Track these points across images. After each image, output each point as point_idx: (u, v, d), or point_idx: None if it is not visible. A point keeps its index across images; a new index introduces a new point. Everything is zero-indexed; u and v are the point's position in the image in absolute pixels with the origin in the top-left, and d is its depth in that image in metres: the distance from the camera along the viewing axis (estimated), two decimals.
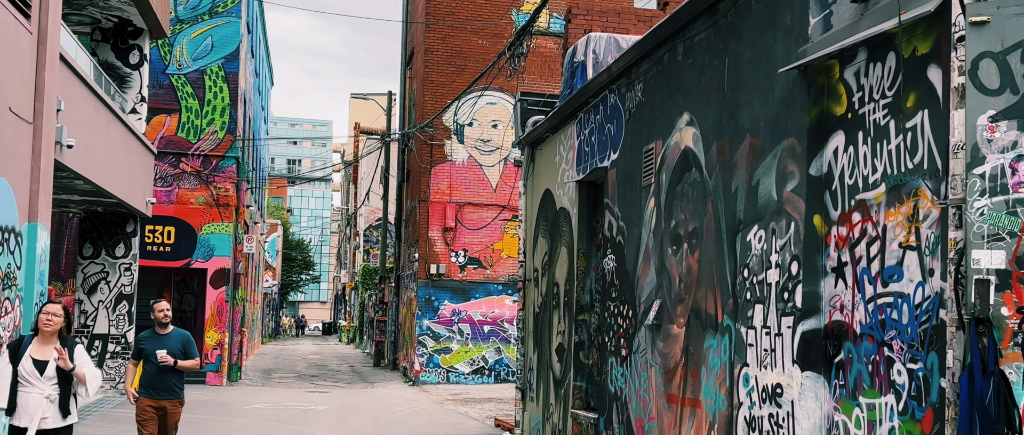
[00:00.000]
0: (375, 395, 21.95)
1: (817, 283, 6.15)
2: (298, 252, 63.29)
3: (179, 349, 8.88)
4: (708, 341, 7.58)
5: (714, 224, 7.56)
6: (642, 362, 9.01)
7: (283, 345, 48.58)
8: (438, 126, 25.11)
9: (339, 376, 27.41)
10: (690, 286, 7.97)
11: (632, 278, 9.41)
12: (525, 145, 13.76)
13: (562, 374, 11.78)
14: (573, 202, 11.59)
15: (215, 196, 24.13)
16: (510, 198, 25.18)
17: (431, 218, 25.07)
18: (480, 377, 24.97)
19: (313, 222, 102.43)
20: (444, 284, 25.01)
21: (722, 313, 7.36)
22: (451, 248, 25.08)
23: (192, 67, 24.31)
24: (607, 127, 10.35)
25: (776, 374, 6.47)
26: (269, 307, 52.95)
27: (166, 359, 8.70)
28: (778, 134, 6.60)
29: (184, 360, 8.89)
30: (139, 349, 8.95)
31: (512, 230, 25.30)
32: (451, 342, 24.95)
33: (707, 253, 7.67)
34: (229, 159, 24.34)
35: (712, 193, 7.62)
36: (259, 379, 25.67)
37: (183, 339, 8.98)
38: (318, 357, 37.02)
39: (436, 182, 25.12)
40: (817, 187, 6.19)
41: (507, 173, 25.46)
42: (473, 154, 25.37)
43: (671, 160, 8.50)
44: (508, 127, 25.48)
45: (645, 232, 9.10)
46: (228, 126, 24.33)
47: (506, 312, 25.22)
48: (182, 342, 8.95)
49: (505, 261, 25.40)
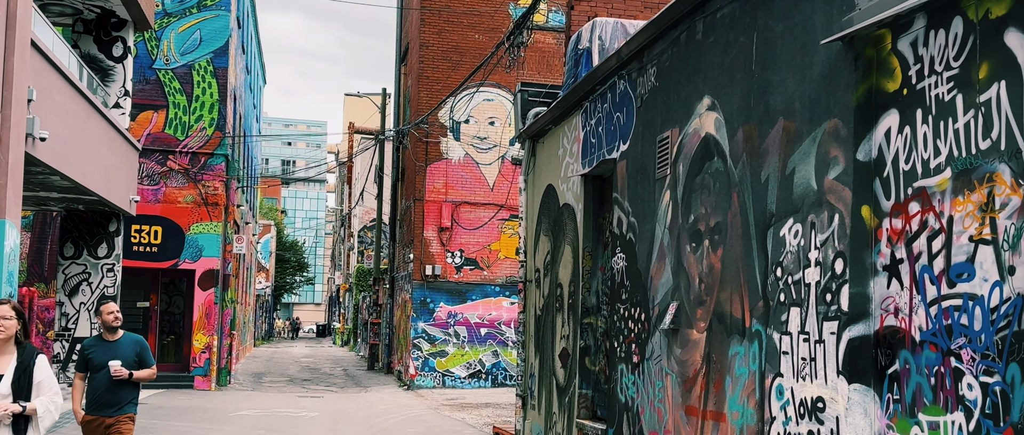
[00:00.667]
0: (368, 400, 21.16)
1: (866, 283, 5.38)
2: (292, 254, 62.40)
3: (133, 358, 7.67)
4: (734, 348, 6.82)
5: (740, 218, 6.80)
6: (657, 370, 8.24)
7: (276, 348, 47.72)
8: (434, 123, 24.34)
9: (332, 380, 26.61)
10: (712, 287, 7.20)
11: (645, 278, 8.64)
12: (526, 138, 12.99)
13: (566, 381, 11.01)
14: (578, 198, 10.83)
15: (203, 195, 23.33)
16: (508, 197, 24.43)
17: (426, 218, 24.29)
18: (477, 381, 24.19)
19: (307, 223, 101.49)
20: (440, 286, 24.23)
21: (750, 317, 6.59)
22: (447, 249, 24.31)
23: (180, 62, 23.52)
24: (616, 116, 9.58)
25: (817, 386, 5.70)
26: (262, 309, 52.09)
27: (120, 371, 7.49)
28: (818, 115, 5.84)
29: (139, 370, 7.68)
30: (85, 359, 7.69)
31: (510, 230, 24.53)
32: (447, 345, 24.16)
33: (732, 250, 6.91)
34: (218, 157, 23.54)
35: (738, 184, 6.86)
36: (249, 383, 24.86)
37: (137, 346, 7.78)
38: (311, 360, 36.20)
39: (432, 181, 24.34)
40: (865, 174, 5.43)
41: (505, 171, 24.69)
42: (470, 152, 24.60)
43: (689, 149, 7.73)
44: (506, 124, 24.72)
45: (659, 228, 8.34)
46: (217, 123, 23.54)
47: (504, 314, 24.44)
48: (136, 349, 7.74)
49: (503, 262, 24.62)
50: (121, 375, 7.48)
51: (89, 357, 7.66)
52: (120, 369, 7.49)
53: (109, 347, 7.66)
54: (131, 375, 7.56)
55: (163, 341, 24.34)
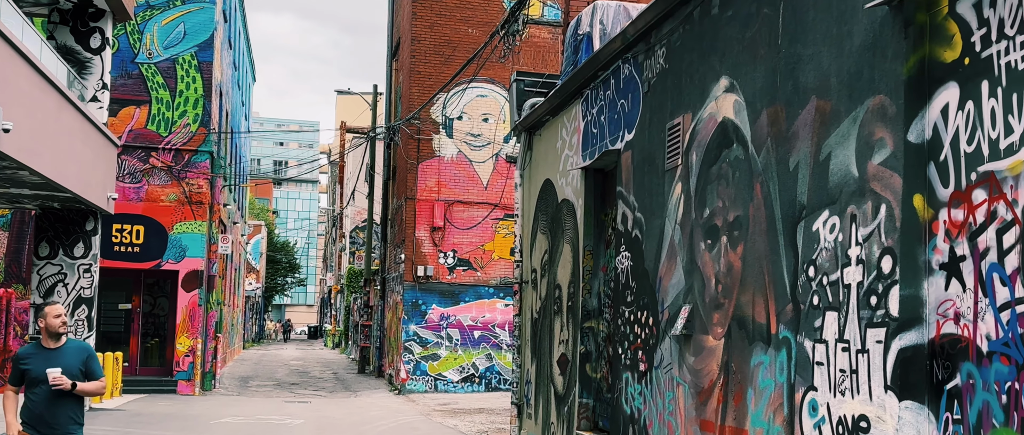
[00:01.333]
0: (358, 406, 20.37)
1: (918, 284, 4.64)
2: (283, 254, 61.52)
3: (78, 367, 6.59)
4: (757, 357, 6.07)
5: (764, 211, 6.06)
6: (667, 379, 7.49)
7: (266, 350, 46.87)
8: (426, 120, 23.56)
9: (321, 384, 25.81)
10: (731, 288, 6.45)
11: (652, 279, 7.89)
12: (521, 130, 12.23)
13: (565, 389, 10.25)
14: (578, 193, 10.07)
15: (187, 193, 22.53)
16: (502, 196, 23.67)
17: (418, 217, 23.52)
18: (470, 385, 23.42)
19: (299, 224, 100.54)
20: (432, 287, 23.46)
21: (776, 322, 5.85)
22: (439, 249, 23.53)
23: (163, 56, 22.71)
24: (620, 103, 8.83)
25: (860, 403, 4.95)
26: (252, 311, 51.24)
27: (61, 381, 6.41)
28: (859, 92, 5.09)
29: (85, 382, 6.61)
30: (20, 371, 6.61)
31: (504, 230, 23.78)
32: (439, 348, 23.39)
33: (755, 247, 6.16)
34: (202, 154, 22.74)
35: (761, 173, 6.11)
36: (235, 388, 24.05)
37: (82, 354, 6.70)
38: (301, 363, 35.38)
39: (423, 179, 23.57)
40: (918, 158, 4.68)
41: (499, 169, 23.93)
42: (463, 149, 23.83)
43: (704, 136, 6.99)
44: (500, 121, 23.97)
45: (669, 224, 7.59)
46: (201, 119, 22.74)
47: (498, 316, 23.68)
48: (82, 358, 6.67)
49: (497, 263, 23.85)
50: (61, 384, 6.41)
51: (25, 369, 6.59)
52: (60, 377, 6.42)
53: (49, 356, 6.59)
54: (74, 386, 6.49)
55: (146, 344, 23.53)
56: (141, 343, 23.32)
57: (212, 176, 22.93)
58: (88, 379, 6.67)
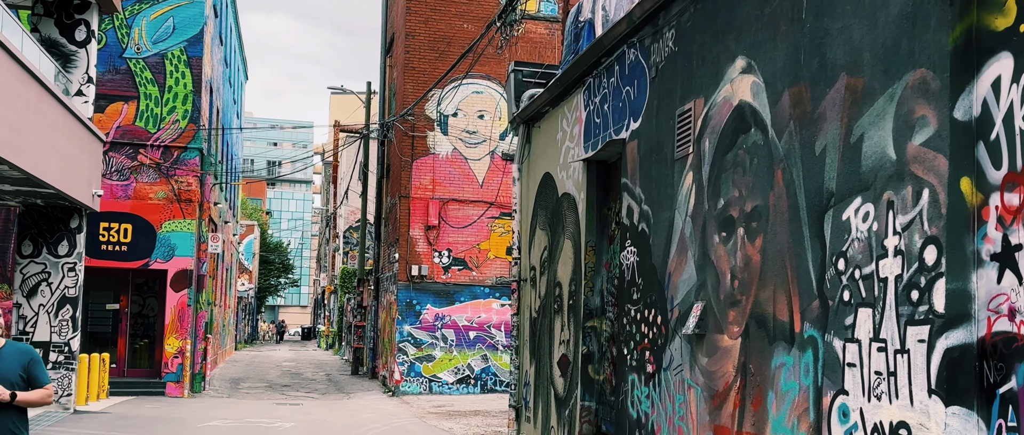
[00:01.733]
0: (350, 408, 19.88)
1: (966, 277, 4.18)
2: (276, 255, 60.96)
3: (18, 374, 5.66)
4: (779, 357, 5.60)
5: (787, 200, 5.59)
6: (677, 382, 7.02)
7: (258, 351, 46.32)
8: (420, 116, 23.09)
9: (313, 386, 25.31)
10: (749, 284, 5.99)
11: (661, 275, 7.42)
12: (520, 123, 11.75)
13: (566, 391, 9.77)
14: (579, 186, 9.61)
15: (176, 191, 22.02)
16: (498, 194, 23.21)
17: (412, 216, 23.04)
18: (465, 387, 22.94)
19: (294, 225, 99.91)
20: (426, 287, 22.97)
21: (801, 320, 5.38)
22: (434, 248, 23.06)
23: (152, 51, 22.21)
24: (625, 90, 8.37)
25: (899, 409, 4.49)
26: (245, 312, 50.68)
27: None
28: (897, 66, 4.63)
29: (26, 392, 5.67)
30: None
31: (500, 228, 23.31)
32: (434, 349, 22.91)
33: (776, 239, 5.70)
34: (192, 150, 22.24)
35: (783, 159, 5.65)
36: (225, 390, 23.54)
37: (24, 359, 5.74)
38: (293, 364, 34.85)
39: (418, 177, 23.09)
40: (965, 137, 4.22)
41: (495, 167, 23.46)
42: (458, 147, 23.36)
43: (718, 121, 6.52)
44: (495, 118, 23.50)
45: (679, 217, 7.12)
46: (191, 115, 22.23)
47: (494, 317, 23.21)
48: (23, 363, 5.72)
49: (492, 262, 23.39)
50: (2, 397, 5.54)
51: None
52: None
53: None
54: (14, 397, 5.58)
55: (135, 345, 23.04)
56: (129, 344, 22.81)
57: (202, 173, 22.43)
58: (31, 386, 5.74)
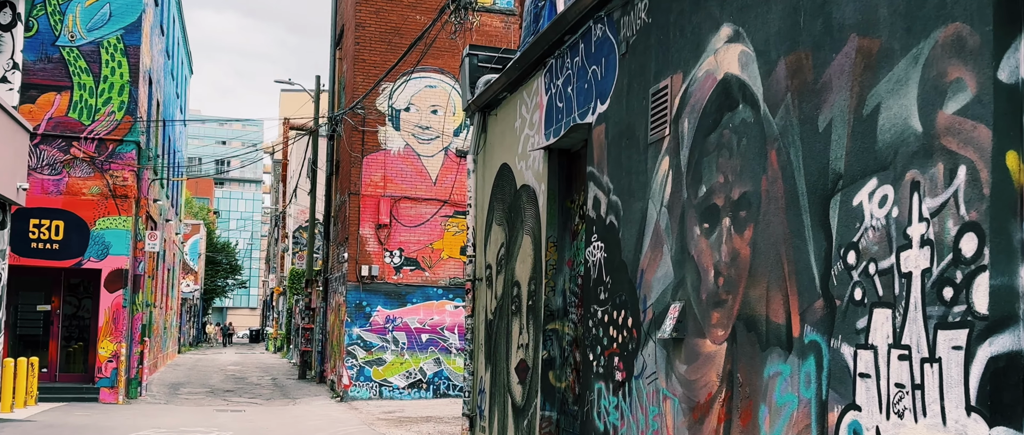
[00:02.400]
0: (295, 415, 18.91)
1: (1014, 271, 3.47)
2: (224, 255, 59.36)
3: None
4: (773, 365, 4.87)
5: (783, 185, 4.87)
6: (650, 392, 6.27)
7: (203, 354, 44.90)
8: (371, 111, 22.17)
9: (258, 391, 24.24)
10: (736, 282, 5.26)
11: (632, 273, 6.68)
12: (475, 111, 10.95)
13: (525, 400, 9.00)
14: (540, 176, 8.84)
15: (111, 186, 20.86)
16: (452, 191, 22.39)
17: (363, 213, 22.10)
18: (417, 392, 22.06)
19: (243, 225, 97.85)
20: (377, 288, 22.06)
21: (801, 322, 4.65)
22: (385, 247, 22.15)
23: (86, 39, 21.01)
24: (591, 70, 7.62)
25: (928, 428, 3.77)
26: (190, 314, 49.19)
27: None
28: (924, 22, 3.92)
29: None
30: None
31: (454, 227, 22.48)
32: (385, 352, 21.99)
33: (769, 230, 4.97)
34: (128, 144, 21.08)
35: (778, 137, 4.92)
36: (164, 395, 22.40)
37: None
38: (238, 368, 33.64)
39: (368, 173, 22.16)
40: (1012, 102, 3.52)
41: (448, 164, 22.63)
42: (410, 142, 22.48)
43: (699, 98, 5.79)
44: (449, 113, 22.68)
45: (653, 207, 6.39)
46: (127, 106, 21.08)
47: (447, 319, 22.36)
48: None
49: (446, 262, 22.54)
50: None
51: None
52: None
53: None
54: None
55: (69, 348, 21.81)
56: (62, 348, 21.59)
57: (139, 168, 21.29)
58: None
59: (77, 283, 21.82)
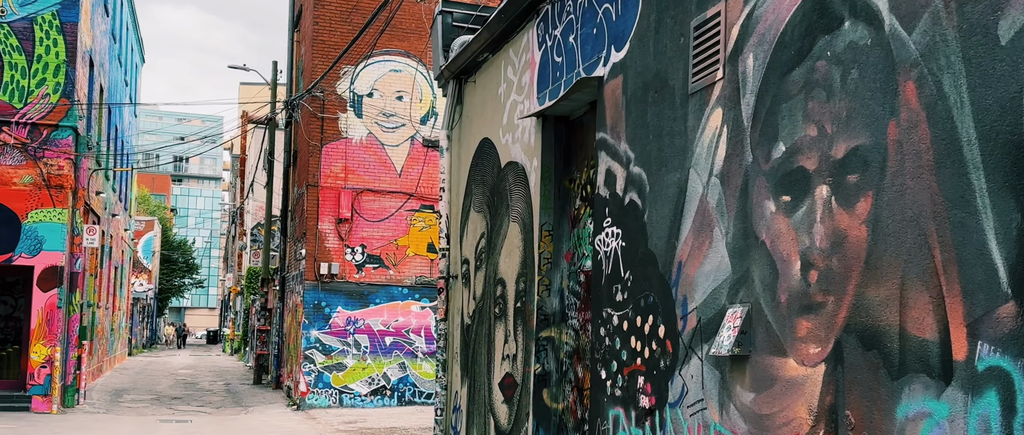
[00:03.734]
0: (247, 425, 17.08)
1: None
2: (180, 254, 56.93)
3: None
4: (914, 402, 3.24)
5: (929, 130, 3.24)
6: (694, 426, 4.62)
7: (156, 357, 42.62)
8: (331, 96, 20.35)
9: (208, 398, 22.31)
10: (843, 275, 3.62)
11: (664, 266, 5.03)
12: (449, 78, 9.23)
13: (512, 422, 7.31)
14: (531, 151, 7.16)
15: (45, 175, 18.86)
16: (419, 184, 20.65)
17: (322, 207, 20.27)
18: (380, 399, 20.28)
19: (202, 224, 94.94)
20: (337, 287, 20.24)
21: (967, 337, 3.03)
22: (346, 244, 20.33)
23: (18, 14, 18.99)
24: (603, 9, 5.95)
25: None
26: (143, 314, 46.85)
27: None
28: None
29: None
30: None
31: (421, 222, 20.73)
32: (345, 357, 20.17)
33: (904, 198, 3.34)
34: (64, 129, 19.08)
35: (920, 61, 3.29)
36: (104, 404, 20.41)
37: None
38: (190, 372, 31.56)
39: (328, 163, 20.34)
40: None
41: (415, 154, 20.87)
42: (374, 131, 20.69)
43: (772, 23, 4.15)
44: (416, 100, 20.93)
45: (697, 178, 4.74)
46: (63, 88, 19.09)
47: (413, 320, 20.61)
48: None
49: (412, 259, 20.78)
50: None
51: None
52: None
53: None
54: None
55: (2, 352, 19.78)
56: None
57: (76, 156, 19.30)
58: None
59: (13, 281, 19.81)
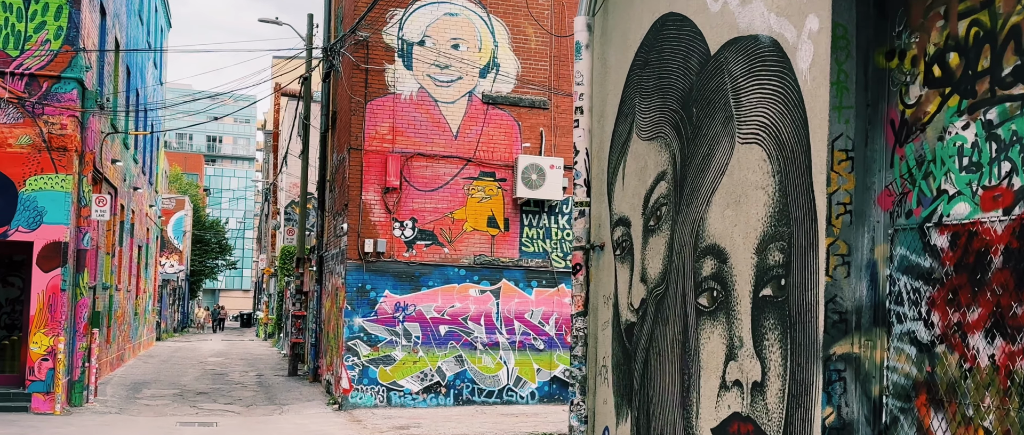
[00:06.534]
0: (282, 431, 13.87)
1: None
2: (212, 234, 53.91)
3: None
4: None
5: None
6: None
7: (186, 342, 39.62)
8: (377, 45, 16.97)
9: (238, 393, 19.13)
10: None
11: None
12: None
13: None
14: (800, 6, 3.74)
15: (46, 135, 15.66)
16: (477, 147, 17.30)
17: (366, 174, 16.93)
18: (434, 398, 16.96)
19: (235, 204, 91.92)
20: (384, 267, 16.91)
21: None
22: (394, 217, 16.98)
23: None
24: None
25: None
26: (173, 296, 43.94)
27: None
28: None
29: None
30: None
31: (480, 192, 17.36)
32: (394, 348, 16.84)
33: None
34: (67, 81, 15.85)
35: None
36: (118, 401, 17.26)
37: None
38: (220, 360, 28.44)
39: (373, 123, 16.98)
40: None
41: (473, 112, 17.48)
42: (425, 85, 17.29)
43: None
44: (475, 49, 17.53)
45: None
46: (67, 33, 15.85)
47: (471, 306, 17.27)
48: None
49: (469, 235, 17.40)
50: None
51: None
52: None
53: None
54: None
55: (2, 342, 16.74)
56: None
57: (82, 113, 16.08)
58: None
59: (21, 260, 16.73)
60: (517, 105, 17.54)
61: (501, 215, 17.43)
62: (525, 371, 17.37)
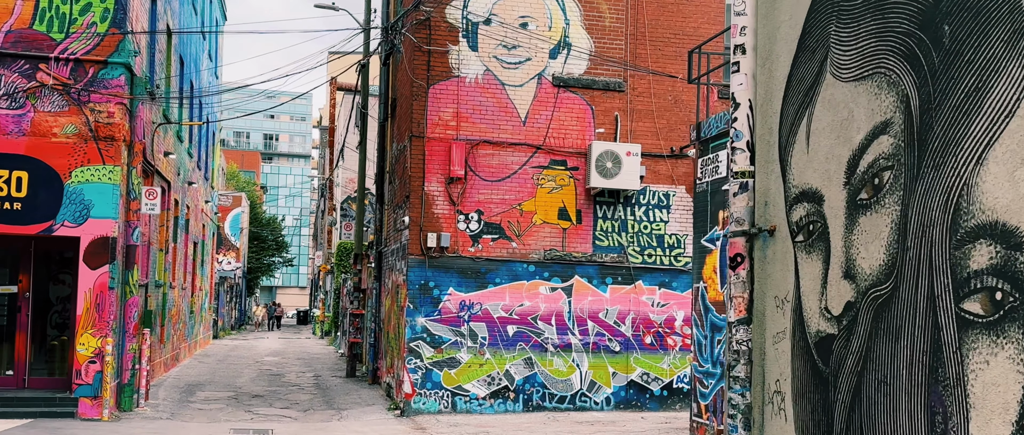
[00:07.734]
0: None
1: None
2: (269, 231, 53.25)
3: None
4: None
5: None
6: None
7: (243, 339, 38.82)
8: (440, 24, 15.64)
9: (295, 396, 17.95)
10: None
11: None
12: None
13: None
14: None
15: (92, 124, 14.60)
16: (547, 134, 15.88)
17: (429, 163, 15.60)
18: (502, 403, 15.57)
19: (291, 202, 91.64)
20: (448, 263, 15.56)
21: None
22: (459, 209, 15.63)
23: None
24: None
25: None
26: (231, 294, 43.25)
27: None
28: None
29: None
30: None
31: (551, 182, 15.93)
32: (459, 350, 15.49)
33: None
34: (115, 67, 14.78)
35: None
36: (170, 405, 16.17)
37: None
38: (277, 360, 27.41)
39: (436, 109, 15.64)
40: None
41: (543, 96, 16.04)
42: (492, 68, 15.90)
43: None
44: (546, 27, 16.09)
45: None
46: (114, 15, 14.77)
47: (541, 305, 15.84)
48: None
49: (539, 229, 15.97)
50: None
51: None
52: None
53: None
54: None
55: (49, 343, 15.76)
56: (33, 342, 15.49)
57: (131, 100, 15.00)
58: None
59: (69, 256, 15.75)
60: (590, 88, 16.07)
61: (573, 206, 15.98)
62: (599, 375, 15.89)
